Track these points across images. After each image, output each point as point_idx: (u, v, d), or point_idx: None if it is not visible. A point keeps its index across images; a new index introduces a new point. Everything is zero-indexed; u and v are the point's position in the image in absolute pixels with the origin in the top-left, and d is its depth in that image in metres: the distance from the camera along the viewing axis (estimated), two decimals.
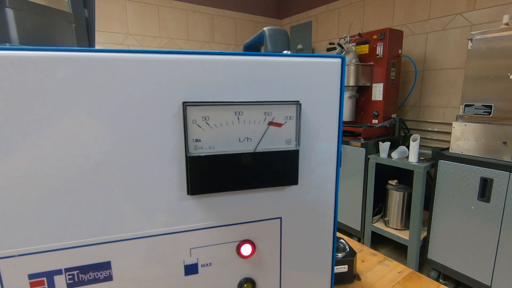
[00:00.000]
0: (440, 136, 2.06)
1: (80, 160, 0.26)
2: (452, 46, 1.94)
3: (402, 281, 0.58)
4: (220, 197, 0.31)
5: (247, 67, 0.29)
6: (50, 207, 0.26)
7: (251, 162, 0.30)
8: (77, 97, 0.25)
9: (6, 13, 0.34)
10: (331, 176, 0.35)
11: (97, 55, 0.25)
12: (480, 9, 1.78)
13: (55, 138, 0.25)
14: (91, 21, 0.53)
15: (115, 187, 0.28)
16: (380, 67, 1.94)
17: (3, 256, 0.26)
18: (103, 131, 0.26)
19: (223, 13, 2.95)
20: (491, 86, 1.39)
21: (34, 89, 0.24)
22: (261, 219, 0.33)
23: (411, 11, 2.12)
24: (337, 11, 2.68)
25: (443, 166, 1.52)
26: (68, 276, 0.28)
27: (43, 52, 0.24)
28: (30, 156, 0.25)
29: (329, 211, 0.35)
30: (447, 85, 2.00)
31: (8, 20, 0.34)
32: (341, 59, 0.32)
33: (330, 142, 0.33)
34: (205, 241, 0.31)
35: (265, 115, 0.30)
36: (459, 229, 1.50)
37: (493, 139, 1.39)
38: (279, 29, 0.38)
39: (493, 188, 1.35)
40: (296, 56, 0.31)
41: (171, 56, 0.27)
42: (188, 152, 0.28)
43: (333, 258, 0.37)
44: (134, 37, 2.51)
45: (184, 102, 0.28)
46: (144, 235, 0.29)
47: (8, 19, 0.34)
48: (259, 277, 0.34)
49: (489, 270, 1.40)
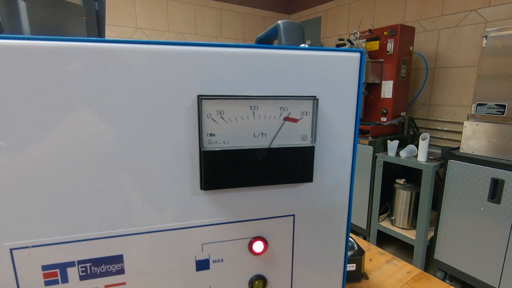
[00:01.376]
0: (450, 135, 2.02)
1: (93, 153, 0.26)
2: (465, 44, 1.89)
3: (411, 282, 0.57)
4: (233, 193, 0.31)
5: (263, 60, 0.28)
6: (63, 199, 0.26)
7: (266, 158, 0.29)
8: (88, 89, 0.25)
9: (19, 5, 0.34)
10: (346, 174, 0.34)
11: (109, 46, 0.25)
12: (496, 5, 1.73)
13: (68, 130, 0.25)
14: (101, 14, 0.52)
15: (128, 180, 0.27)
16: (390, 64, 1.91)
17: (17, 247, 0.26)
18: (115, 124, 0.26)
19: (231, 8, 2.92)
20: (505, 85, 1.35)
21: (45, 80, 0.24)
22: (274, 216, 0.33)
23: (423, 7, 2.07)
24: (347, 6, 2.63)
25: (453, 166, 1.50)
26: (81, 268, 0.28)
27: (55, 42, 0.23)
28: (43, 148, 0.25)
29: (343, 209, 0.35)
30: (458, 84, 1.95)
31: (20, 12, 0.34)
32: (360, 53, 0.31)
33: (347, 139, 0.33)
34: (217, 237, 0.31)
35: (281, 110, 0.29)
36: (468, 230, 1.48)
37: (506, 139, 1.35)
38: (294, 22, 0.37)
39: (504, 189, 1.32)
40: (314, 49, 0.30)
41: (186, 48, 0.26)
42: (202, 147, 0.28)
43: (345, 257, 0.36)
44: (142, 31, 2.51)
45: (199, 95, 0.27)
46: (157, 230, 0.29)
47: (21, 11, 0.34)
48: (270, 274, 0.34)
49: (498, 272, 1.38)
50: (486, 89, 1.42)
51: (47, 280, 0.27)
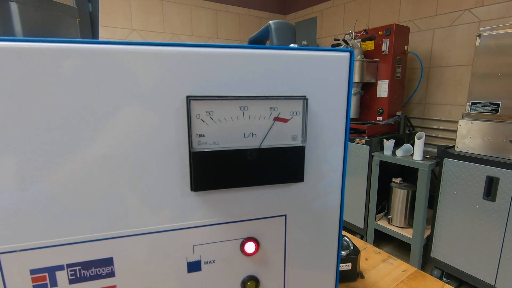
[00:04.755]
0: (445, 134, 2.03)
1: (81, 155, 0.26)
2: (459, 43, 1.90)
3: (406, 280, 0.57)
4: (224, 194, 0.30)
5: (253, 61, 0.28)
6: (51, 202, 0.26)
7: (256, 158, 0.29)
8: (77, 90, 0.25)
9: (11, 7, 0.33)
10: (337, 174, 0.34)
11: (98, 47, 0.24)
12: (489, 5, 1.75)
13: (56, 132, 0.25)
14: (95, 16, 0.52)
15: (117, 182, 0.27)
16: (386, 63, 1.92)
17: (4, 251, 0.25)
18: (105, 125, 0.26)
19: (226, 8, 2.92)
20: (499, 83, 1.37)
21: (37, 82, 0.23)
22: (266, 216, 0.32)
23: (418, 6, 2.08)
24: (342, 7, 2.64)
25: (448, 165, 1.51)
26: (70, 272, 0.27)
27: (47, 43, 0.23)
28: (31, 150, 0.24)
29: (335, 209, 0.35)
30: (453, 83, 1.97)
31: (12, 14, 0.34)
32: (350, 53, 0.31)
33: (337, 138, 0.33)
34: (209, 238, 0.31)
35: (270, 110, 0.29)
36: (464, 228, 1.48)
37: (500, 137, 1.36)
38: (285, 22, 0.37)
39: (499, 187, 1.33)
40: (303, 49, 0.30)
41: (174, 49, 0.26)
42: (192, 148, 0.28)
43: (338, 257, 0.36)
44: (138, 32, 2.51)
45: (188, 96, 0.27)
46: (147, 232, 0.29)
47: (13, 13, 0.34)
48: (263, 275, 0.34)
49: (493, 270, 1.39)
50: (480, 88, 1.43)
51: (35, 285, 0.27)
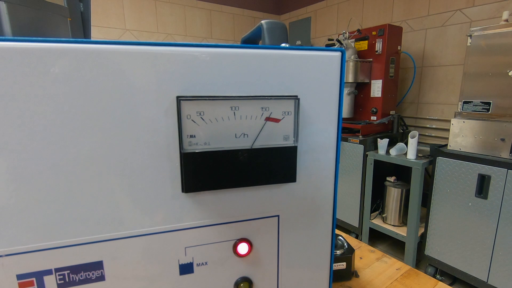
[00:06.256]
0: (438, 133, 2.05)
1: (70, 156, 0.25)
2: (451, 43, 1.93)
3: (400, 278, 0.57)
4: (215, 195, 0.30)
5: (244, 60, 0.28)
6: (38, 205, 0.25)
7: (248, 158, 0.29)
8: (65, 90, 0.24)
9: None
10: (330, 173, 0.34)
11: (87, 47, 0.24)
12: (480, 5, 1.77)
13: (44, 133, 0.24)
14: (86, 15, 0.51)
15: (106, 184, 0.27)
16: (379, 63, 1.93)
17: None
18: (93, 126, 0.25)
19: (221, 8, 2.92)
20: (490, 82, 1.39)
21: (26, 82, 0.23)
22: (258, 217, 0.32)
23: (410, 7, 2.10)
24: (336, 7, 2.65)
25: (441, 163, 1.52)
26: (58, 276, 0.27)
27: (36, 43, 0.23)
28: (17, 152, 0.24)
29: (328, 208, 0.35)
30: (445, 82, 1.99)
31: (1, 13, 0.33)
32: (341, 52, 0.31)
33: (329, 138, 0.32)
34: (201, 239, 0.31)
35: (262, 110, 0.29)
36: (457, 226, 1.50)
37: (491, 136, 1.38)
38: (277, 22, 0.37)
39: (491, 184, 1.35)
40: (295, 49, 0.30)
41: (164, 48, 0.26)
42: (183, 149, 0.27)
43: (331, 256, 0.36)
44: (131, 32, 2.48)
45: (178, 96, 0.27)
46: (137, 234, 0.28)
47: (1, 12, 0.33)
48: (256, 276, 0.34)
49: (486, 266, 1.41)
50: (472, 87, 1.45)
51: None
